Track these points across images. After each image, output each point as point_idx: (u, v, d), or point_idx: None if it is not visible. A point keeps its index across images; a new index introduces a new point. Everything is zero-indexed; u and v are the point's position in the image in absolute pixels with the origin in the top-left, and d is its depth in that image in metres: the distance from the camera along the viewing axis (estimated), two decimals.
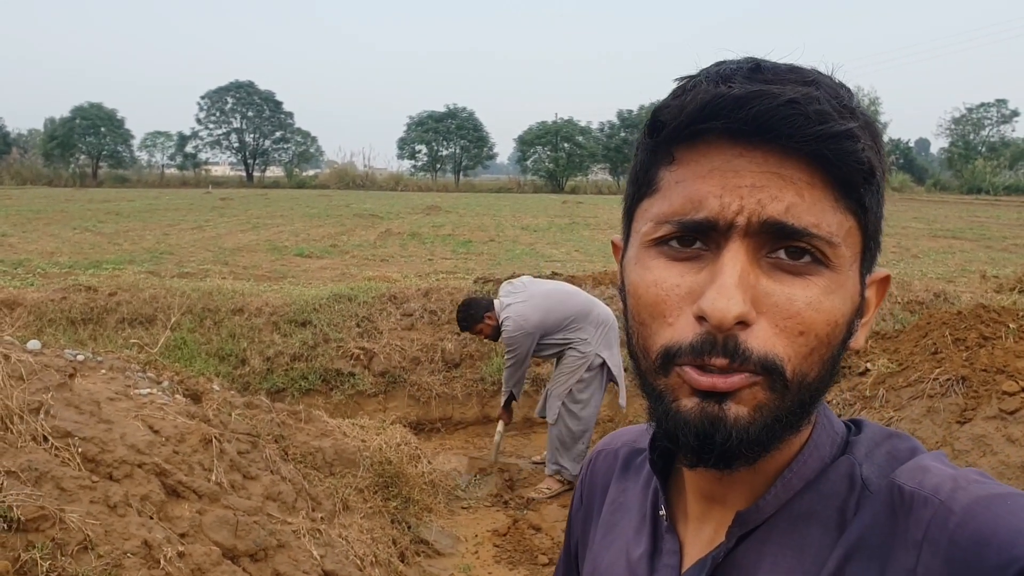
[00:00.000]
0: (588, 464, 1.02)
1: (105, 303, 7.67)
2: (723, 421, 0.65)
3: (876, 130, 0.68)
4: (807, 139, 0.62)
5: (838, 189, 0.65)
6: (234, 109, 69.59)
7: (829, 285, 0.65)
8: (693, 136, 0.67)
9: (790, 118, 0.62)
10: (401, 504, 4.80)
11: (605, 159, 66.98)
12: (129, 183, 58.09)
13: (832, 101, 0.64)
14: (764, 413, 0.66)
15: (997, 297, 7.29)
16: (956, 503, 0.62)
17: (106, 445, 3.24)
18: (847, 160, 0.63)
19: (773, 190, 0.64)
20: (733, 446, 0.65)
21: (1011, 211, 31.73)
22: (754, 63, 0.67)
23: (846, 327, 0.68)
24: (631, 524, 0.87)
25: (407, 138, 70.22)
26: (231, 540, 3.34)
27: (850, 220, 0.66)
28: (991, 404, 3.48)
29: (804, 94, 0.63)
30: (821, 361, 0.67)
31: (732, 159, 0.65)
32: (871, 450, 0.73)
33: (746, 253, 0.65)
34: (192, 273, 11.45)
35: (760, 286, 0.65)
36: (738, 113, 0.63)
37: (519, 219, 25.64)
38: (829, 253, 0.65)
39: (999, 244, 17.69)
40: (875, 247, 0.71)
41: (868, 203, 0.67)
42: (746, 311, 0.63)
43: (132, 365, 4.26)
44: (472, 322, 5.92)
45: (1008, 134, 65.17)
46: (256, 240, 17.41)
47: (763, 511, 0.73)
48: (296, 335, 7.63)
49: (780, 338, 0.64)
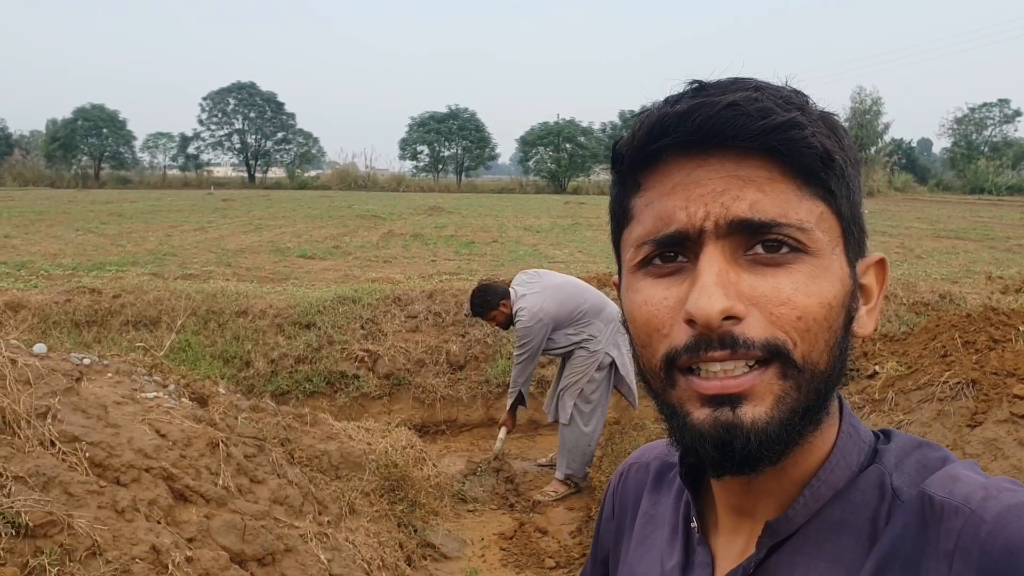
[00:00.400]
0: (620, 477, 1.02)
1: (109, 305, 7.66)
2: (739, 427, 0.65)
3: (832, 121, 0.70)
4: (752, 135, 0.65)
5: (799, 178, 0.67)
6: (236, 110, 69.62)
7: (812, 270, 0.67)
8: (651, 159, 0.70)
9: (733, 119, 0.65)
10: (407, 507, 4.79)
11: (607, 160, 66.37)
12: (131, 184, 58.10)
13: (775, 99, 0.67)
14: (783, 407, 0.66)
15: (1003, 298, 7.28)
16: (987, 512, 0.62)
17: (113, 449, 3.23)
18: (797, 147, 0.65)
19: (734, 191, 0.66)
20: (753, 450, 0.65)
21: (1014, 211, 31.69)
22: (698, 84, 0.70)
23: (842, 311, 0.69)
24: (664, 536, 0.88)
25: (409, 139, 70.19)
26: (239, 545, 3.33)
27: (820, 205, 0.68)
28: (1002, 408, 3.46)
29: (744, 97, 0.66)
30: (828, 348, 0.68)
31: (691, 172, 0.68)
32: (901, 459, 0.73)
33: (722, 254, 0.67)
34: (195, 275, 11.45)
35: (744, 282, 0.66)
36: (684, 126, 0.66)
37: (522, 220, 25.62)
38: (804, 239, 0.66)
39: (1003, 244, 17.65)
40: (858, 232, 0.72)
41: (835, 187, 0.68)
42: (730, 305, 0.64)
43: (138, 368, 4.25)
44: (487, 308, 5.83)
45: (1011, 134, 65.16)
46: (259, 241, 17.40)
47: (793, 521, 0.72)
48: (300, 337, 7.62)
49: (778, 325, 0.66)
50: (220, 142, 69.58)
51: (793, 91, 0.70)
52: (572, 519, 5.40)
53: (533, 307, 5.66)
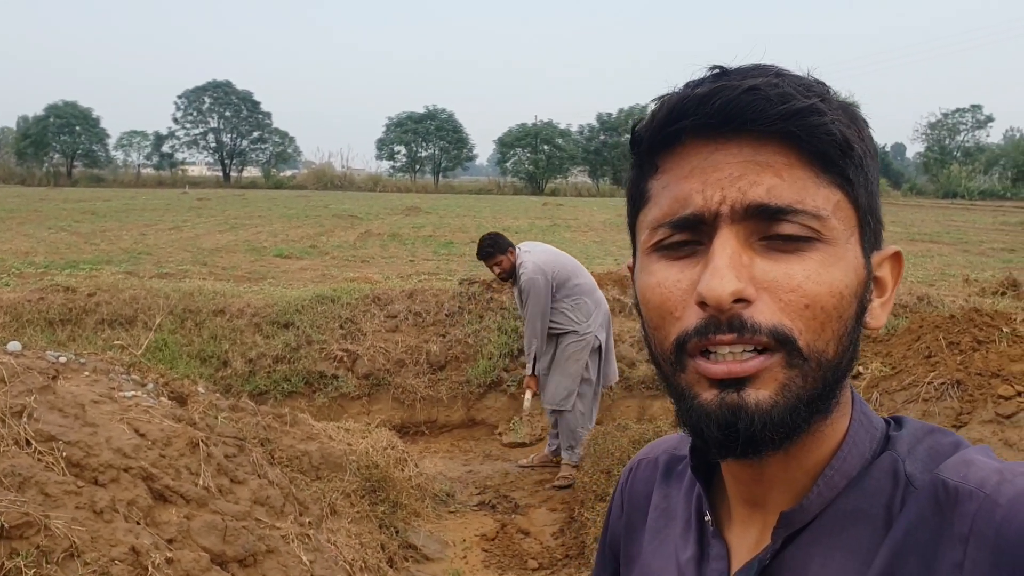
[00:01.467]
0: (628, 474, 1.01)
1: (84, 304, 7.55)
2: (743, 408, 0.66)
3: (852, 111, 0.70)
4: (772, 119, 0.65)
5: (817, 165, 0.67)
6: (211, 109, 69.12)
7: (826, 258, 0.67)
8: (670, 141, 0.70)
9: (752, 103, 0.65)
10: (389, 508, 4.74)
11: (584, 161, 67.07)
12: (104, 183, 57.49)
13: (795, 86, 0.67)
14: (788, 394, 0.66)
15: (981, 301, 7.34)
16: (1002, 496, 0.62)
17: (91, 449, 3.17)
18: (816, 133, 0.65)
19: (752, 176, 0.66)
20: (757, 432, 0.66)
21: (986, 215, 32.07)
22: (720, 69, 0.70)
23: (854, 301, 0.69)
24: (677, 529, 0.87)
25: (386, 139, 69.99)
26: (220, 546, 3.27)
27: (837, 193, 0.68)
28: (987, 408, 3.47)
29: (764, 82, 0.66)
30: (836, 337, 0.68)
31: (709, 155, 0.68)
32: (913, 446, 0.73)
33: (736, 238, 0.67)
34: (171, 274, 11.31)
35: (756, 266, 0.66)
36: (703, 109, 0.67)
37: (500, 220, 25.56)
38: (819, 227, 0.66)
39: (976, 248, 17.85)
40: (874, 222, 0.72)
41: (853, 176, 0.68)
42: (741, 287, 0.65)
43: (116, 367, 4.18)
44: (497, 251, 5.96)
45: (983, 139, 66.07)
46: (234, 241, 17.25)
47: (807, 511, 0.72)
48: (278, 337, 7.55)
49: (786, 312, 0.66)
50: (195, 141, 69.11)
51: (814, 80, 0.70)
52: (555, 520, 5.37)
53: (537, 260, 5.90)
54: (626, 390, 7.31)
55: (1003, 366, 3.68)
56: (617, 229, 23.05)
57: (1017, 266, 13.65)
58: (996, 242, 19.57)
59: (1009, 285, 8.21)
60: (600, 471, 5.01)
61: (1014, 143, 63.54)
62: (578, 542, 4.84)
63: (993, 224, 26.83)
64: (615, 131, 65.67)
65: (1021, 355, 3.76)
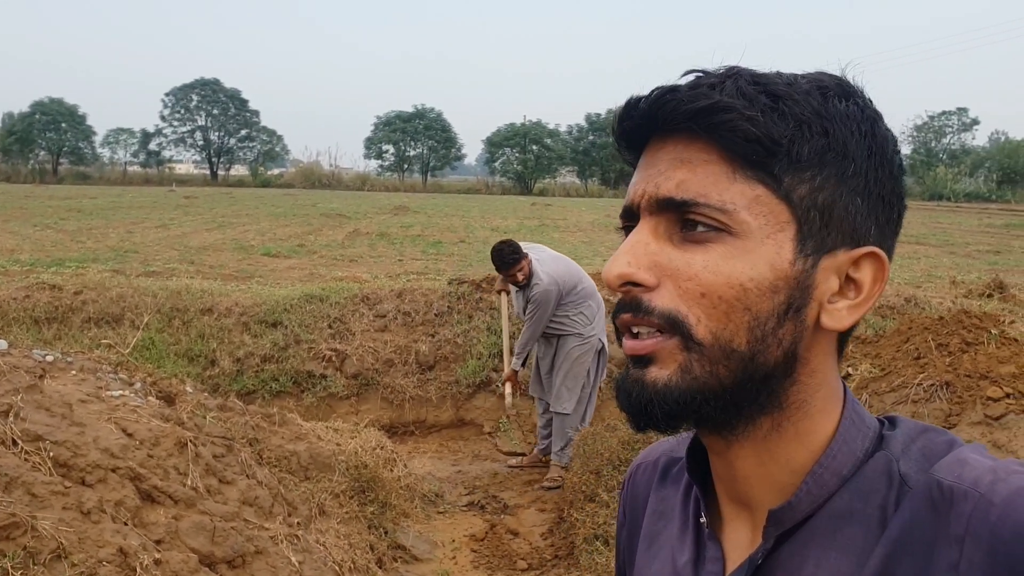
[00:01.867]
0: (629, 479, 1.01)
1: (71, 302, 7.49)
2: (640, 382, 0.70)
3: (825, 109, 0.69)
4: (678, 119, 0.68)
5: (736, 162, 0.68)
6: (199, 107, 68.85)
7: (729, 250, 0.68)
8: (638, 143, 0.75)
9: (665, 104, 0.69)
10: (378, 509, 4.73)
11: (573, 162, 67.13)
12: (91, 180, 57.18)
13: (740, 86, 0.68)
14: (686, 377, 0.69)
15: (968, 303, 7.37)
16: (996, 495, 0.62)
17: (79, 449, 3.14)
18: (720, 131, 0.67)
19: (669, 172, 0.70)
20: (648, 405, 0.70)
21: (971, 217, 32.25)
22: (698, 71, 0.72)
23: (768, 295, 0.68)
24: (674, 532, 0.87)
25: (374, 138, 69.89)
26: (208, 546, 3.25)
27: (756, 188, 0.68)
28: (976, 410, 3.48)
29: (696, 82, 0.69)
30: (746, 329, 0.68)
31: (654, 154, 0.73)
32: (907, 445, 0.72)
33: (652, 229, 0.71)
34: (158, 272, 11.25)
35: (664, 254, 0.70)
36: (635, 112, 0.72)
37: (488, 220, 25.57)
38: (725, 220, 0.68)
39: (962, 250, 17.95)
40: (828, 221, 0.70)
41: (780, 173, 0.68)
42: (629, 271, 0.70)
43: (103, 366, 4.15)
44: (518, 259, 5.93)
45: (968, 142, 66.45)
46: (222, 239, 17.18)
47: (797, 509, 0.72)
48: (266, 336, 7.52)
49: (683, 299, 0.69)
50: (182, 139, 68.83)
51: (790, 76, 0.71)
52: (544, 520, 5.37)
53: (551, 272, 5.93)
54: (615, 390, 7.31)
55: (992, 368, 3.69)
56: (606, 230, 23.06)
57: (1003, 268, 13.74)
58: (982, 244, 19.69)
59: (996, 287, 8.24)
60: (589, 472, 5.00)
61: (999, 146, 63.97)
62: (567, 542, 4.83)
63: (978, 226, 26.99)
64: (604, 131, 65.65)
65: (1009, 357, 3.78)
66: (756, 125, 0.67)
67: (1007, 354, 3.81)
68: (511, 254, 5.92)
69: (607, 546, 4.32)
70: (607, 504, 4.56)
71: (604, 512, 4.50)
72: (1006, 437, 3.31)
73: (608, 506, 4.56)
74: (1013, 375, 3.61)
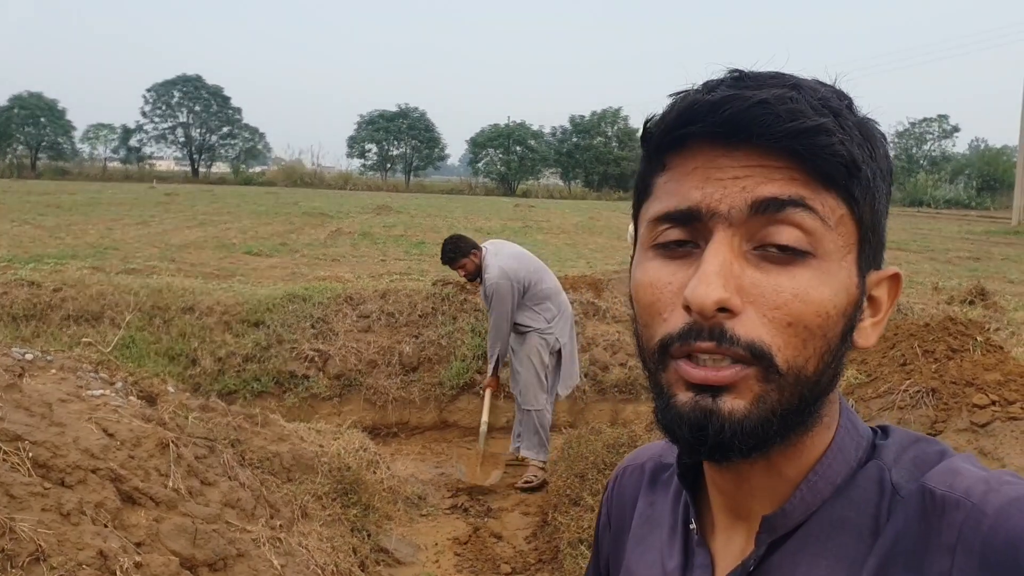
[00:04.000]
0: (614, 481, 1.01)
1: (49, 299, 7.40)
2: (716, 414, 0.66)
3: (869, 129, 0.70)
4: (778, 136, 0.65)
5: (821, 181, 0.67)
6: (180, 103, 68.37)
7: (817, 275, 0.66)
8: (678, 143, 0.70)
9: (761, 117, 0.65)
10: (361, 511, 4.69)
11: (557, 164, 67.21)
12: (70, 176, 56.59)
13: (810, 100, 0.66)
14: (762, 406, 0.66)
15: (950, 309, 7.42)
16: (989, 505, 0.63)
17: (58, 449, 3.08)
18: (821, 153, 0.65)
19: (758, 178, 0.67)
20: (726, 438, 0.66)
21: (951, 224, 32.53)
22: (739, 73, 0.70)
23: (842, 320, 0.68)
24: (663, 537, 0.87)
25: (357, 137, 69.73)
26: (189, 549, 3.20)
27: (841, 207, 0.68)
28: (962, 417, 3.49)
29: (777, 95, 0.66)
30: (818, 355, 0.67)
31: (714, 159, 0.68)
32: (899, 455, 0.73)
33: (729, 244, 0.67)
34: (138, 269, 11.14)
35: (746, 276, 0.66)
36: (713, 117, 0.67)
37: (472, 221, 25.52)
38: (818, 237, 0.66)
39: (943, 256, 18.09)
40: (875, 242, 0.72)
41: (858, 195, 0.68)
42: (726, 296, 0.65)
43: (84, 365, 4.09)
44: (459, 254, 5.98)
45: (949, 149, 67.29)
46: (203, 237, 17.04)
47: (790, 516, 0.72)
48: (249, 335, 7.45)
49: (768, 327, 0.66)
50: (163, 135, 68.32)
51: (834, 92, 0.70)
52: (527, 524, 5.34)
53: (503, 265, 5.90)
54: (599, 394, 7.31)
55: (977, 375, 3.70)
56: (589, 232, 23.11)
57: (983, 275, 13.85)
58: (962, 250, 19.85)
59: (977, 293, 8.31)
60: (574, 475, 4.99)
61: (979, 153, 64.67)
62: (551, 546, 4.81)
63: (958, 233, 27.23)
64: (587, 134, 65.89)
65: (995, 364, 3.80)
66: (846, 148, 0.66)
67: (992, 361, 3.83)
68: (449, 251, 6.02)
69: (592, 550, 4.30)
70: (592, 508, 4.54)
71: (589, 516, 4.48)
72: (992, 444, 3.32)
73: (593, 510, 4.54)
74: (998, 382, 3.62)
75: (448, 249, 6.03)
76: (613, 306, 8.31)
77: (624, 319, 8.17)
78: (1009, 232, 27.81)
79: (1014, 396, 3.48)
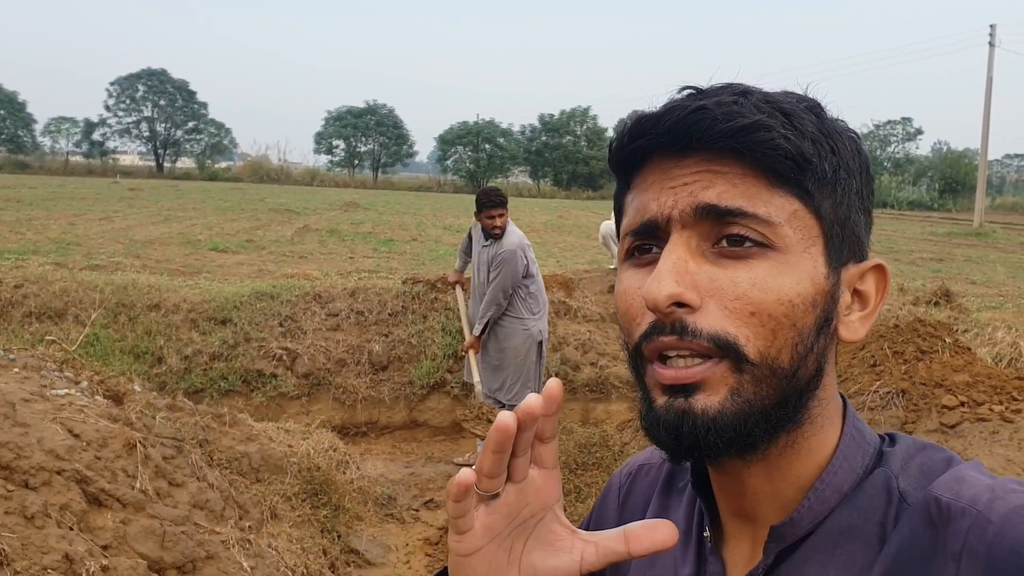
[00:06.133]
0: (629, 476, 1.00)
1: (11, 296, 7.25)
2: (689, 413, 0.67)
3: (829, 127, 0.72)
4: (716, 137, 0.67)
5: (770, 177, 0.68)
6: (145, 97, 67.62)
7: (775, 266, 0.67)
8: (636, 158, 0.73)
9: (699, 122, 0.67)
10: (330, 512, 4.64)
11: (526, 162, 67.26)
12: (30, 169, 55.71)
13: (756, 103, 0.69)
14: (737, 399, 0.67)
15: (916, 310, 7.51)
16: (994, 513, 0.63)
17: (22, 451, 3.02)
18: (762, 148, 0.67)
19: (704, 183, 0.68)
20: (701, 436, 0.67)
21: (915, 225, 33.00)
22: (692, 88, 0.73)
23: (810, 310, 0.69)
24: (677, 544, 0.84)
25: (324, 133, 69.42)
26: (157, 551, 3.15)
27: (793, 203, 0.69)
28: (931, 418, 3.53)
29: (717, 101, 0.68)
30: (791, 345, 0.68)
31: (669, 170, 0.71)
32: (906, 462, 0.73)
33: (685, 243, 0.69)
34: (102, 266, 10.97)
35: (703, 272, 0.68)
36: (656, 128, 0.70)
37: (441, 218, 25.48)
38: (769, 234, 0.67)
39: (906, 257, 18.35)
40: (848, 236, 0.73)
41: (812, 188, 0.69)
42: (679, 291, 0.66)
43: (47, 364, 4.01)
44: (503, 203, 5.94)
45: (912, 151, 68.33)
46: (168, 233, 16.84)
47: (798, 525, 0.72)
48: (216, 333, 7.35)
49: (731, 319, 0.67)
50: (127, 129, 67.60)
51: (796, 98, 0.72)
52: None
53: (523, 237, 6.01)
54: (569, 393, 7.30)
55: (946, 376, 3.74)
56: (559, 231, 23.14)
57: (946, 276, 14.07)
58: (925, 252, 20.16)
59: (942, 295, 8.43)
60: None
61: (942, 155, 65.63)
62: None
63: (921, 234, 27.64)
64: (557, 132, 65.99)
65: (963, 366, 3.84)
66: (790, 142, 0.68)
67: (961, 363, 3.87)
68: (498, 195, 5.97)
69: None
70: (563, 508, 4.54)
71: None
72: (961, 445, 3.35)
73: (564, 510, 4.53)
74: (967, 383, 3.67)
75: (495, 193, 5.99)
76: (584, 305, 8.32)
77: (595, 318, 8.18)
78: (971, 233, 28.28)
79: (982, 397, 3.53)
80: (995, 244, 24.54)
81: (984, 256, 19.70)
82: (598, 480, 4.74)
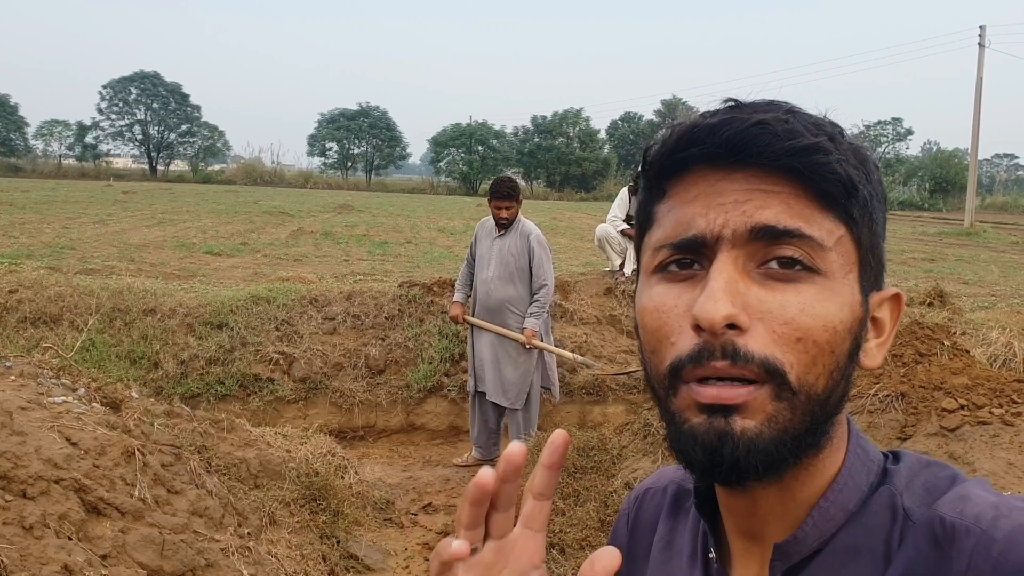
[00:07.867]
0: (635, 501, 1.00)
1: (5, 301, 7.20)
2: (730, 435, 0.66)
3: (863, 154, 0.72)
4: (777, 154, 0.66)
5: (821, 200, 0.68)
6: (138, 100, 67.32)
7: (822, 292, 0.67)
8: (678, 168, 0.72)
9: (759, 137, 0.66)
10: (330, 518, 4.62)
11: (519, 163, 67.18)
12: (23, 173, 55.41)
13: (805, 123, 0.68)
14: (775, 425, 0.66)
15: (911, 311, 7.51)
16: (998, 531, 0.63)
17: (19, 460, 3.00)
18: (820, 171, 0.67)
19: (758, 202, 0.67)
20: (741, 459, 0.66)
21: (906, 225, 33.04)
22: (735, 102, 0.72)
23: (848, 337, 0.69)
24: (682, 565, 0.87)
25: (318, 135, 69.25)
26: (157, 561, 3.13)
27: (840, 228, 0.69)
28: (931, 421, 3.53)
29: (774, 117, 0.67)
30: (828, 372, 0.67)
31: (715, 183, 0.69)
32: (911, 480, 0.73)
33: (734, 263, 0.67)
34: (97, 270, 10.92)
35: (752, 294, 0.67)
36: (712, 138, 0.68)
37: (434, 220, 25.45)
38: (818, 258, 0.67)
39: (898, 257, 18.38)
40: (875, 263, 0.73)
41: (856, 215, 0.69)
42: (735, 312, 0.65)
43: (44, 370, 3.98)
44: (509, 198, 5.95)
45: (903, 151, 68.51)
46: (162, 236, 16.78)
47: (803, 543, 0.72)
48: (212, 338, 7.33)
49: (779, 344, 0.66)
50: (120, 132, 67.23)
51: (827, 120, 0.72)
52: None
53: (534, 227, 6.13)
54: (567, 396, 7.29)
55: (945, 379, 3.74)
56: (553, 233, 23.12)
57: (938, 276, 14.10)
58: (916, 252, 20.19)
59: (936, 296, 8.43)
60: None
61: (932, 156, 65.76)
62: None
63: (912, 234, 27.67)
64: (549, 134, 65.96)
65: (962, 368, 3.84)
66: (842, 167, 0.68)
67: (960, 365, 3.87)
68: (512, 186, 6.01)
69: (563, 555, 4.28)
70: (562, 512, 4.53)
71: (560, 520, 4.47)
72: (962, 449, 3.35)
73: (563, 514, 4.53)
74: (966, 386, 3.67)
75: (506, 185, 6.01)
76: (580, 308, 8.31)
77: (591, 321, 8.17)
78: (961, 233, 28.33)
79: (982, 400, 3.53)
80: (986, 244, 24.58)
81: (975, 256, 19.74)
82: (596, 484, 4.72)
